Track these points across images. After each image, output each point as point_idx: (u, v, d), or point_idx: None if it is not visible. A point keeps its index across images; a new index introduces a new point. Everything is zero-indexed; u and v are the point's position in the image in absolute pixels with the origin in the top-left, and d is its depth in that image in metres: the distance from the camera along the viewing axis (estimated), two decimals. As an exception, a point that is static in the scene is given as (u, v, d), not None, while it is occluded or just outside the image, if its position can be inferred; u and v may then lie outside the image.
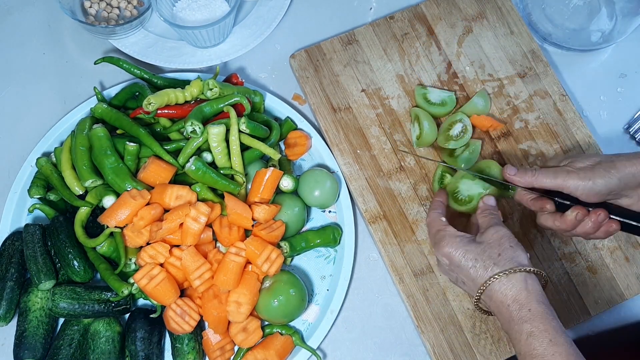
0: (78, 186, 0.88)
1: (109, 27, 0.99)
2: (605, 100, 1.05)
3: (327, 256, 0.95)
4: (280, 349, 0.86)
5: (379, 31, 1.04)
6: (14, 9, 1.08)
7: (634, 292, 0.92)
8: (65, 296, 0.84)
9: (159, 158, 0.89)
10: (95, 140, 0.88)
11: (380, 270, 0.95)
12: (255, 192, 0.89)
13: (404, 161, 0.97)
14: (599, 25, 1.05)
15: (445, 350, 0.88)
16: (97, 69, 1.03)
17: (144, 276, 0.82)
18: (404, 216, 0.94)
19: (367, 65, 1.02)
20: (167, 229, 0.84)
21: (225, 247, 0.87)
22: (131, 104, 0.97)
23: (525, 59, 1.03)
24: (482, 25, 1.05)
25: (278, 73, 1.05)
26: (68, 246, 0.86)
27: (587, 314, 0.91)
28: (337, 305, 0.90)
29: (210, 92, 0.92)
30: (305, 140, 0.96)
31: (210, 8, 1.02)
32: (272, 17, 1.05)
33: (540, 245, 0.94)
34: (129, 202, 0.83)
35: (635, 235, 0.86)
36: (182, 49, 1.03)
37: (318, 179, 0.91)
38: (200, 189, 0.88)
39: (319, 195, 0.91)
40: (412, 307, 0.90)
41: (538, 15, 1.07)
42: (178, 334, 0.85)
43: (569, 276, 0.92)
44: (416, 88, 0.99)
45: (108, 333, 0.85)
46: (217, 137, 0.88)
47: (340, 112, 0.99)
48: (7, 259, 0.88)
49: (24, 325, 0.85)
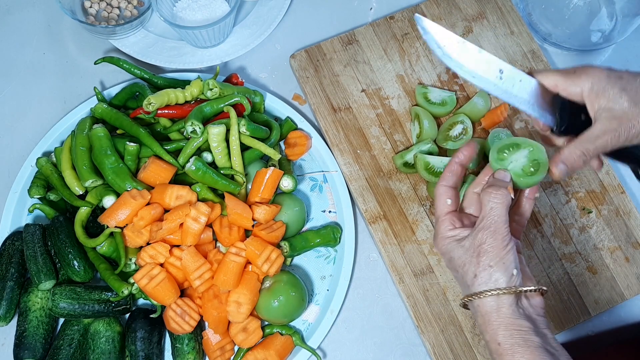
0: (78, 186, 0.88)
1: (109, 27, 0.99)
2: (606, 100, 1.05)
3: (327, 256, 0.95)
4: (281, 348, 0.86)
5: (379, 31, 1.04)
6: (14, 9, 1.08)
7: (634, 292, 0.92)
8: (65, 296, 0.84)
9: (159, 158, 0.89)
10: (95, 140, 0.88)
11: (380, 270, 0.95)
12: (255, 192, 0.89)
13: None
14: (599, 25, 1.05)
15: (445, 350, 0.88)
16: (97, 69, 1.03)
17: (144, 276, 0.82)
18: (404, 216, 0.94)
19: (367, 65, 1.02)
20: (167, 229, 0.84)
21: (225, 247, 0.87)
22: (131, 104, 0.97)
23: (525, 59, 1.03)
24: (482, 25, 1.05)
25: (278, 73, 1.05)
26: (68, 246, 0.86)
27: (587, 314, 0.91)
28: (337, 305, 0.90)
29: (211, 92, 0.92)
30: (305, 140, 0.96)
31: (210, 8, 1.02)
32: (272, 17, 1.05)
33: (540, 245, 0.94)
34: (129, 202, 0.83)
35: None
36: (182, 49, 1.03)
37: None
38: (200, 189, 0.88)
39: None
40: (412, 307, 0.90)
41: (538, 15, 1.07)
42: (178, 334, 0.85)
43: (569, 276, 0.92)
44: (417, 87, 0.99)
45: (108, 333, 0.85)
46: (217, 137, 0.88)
47: (340, 112, 0.99)
48: (7, 259, 0.88)
49: (24, 325, 0.85)
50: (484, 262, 0.67)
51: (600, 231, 0.95)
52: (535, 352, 0.64)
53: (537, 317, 0.68)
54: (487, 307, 0.67)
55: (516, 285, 0.67)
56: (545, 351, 0.64)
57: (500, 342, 0.65)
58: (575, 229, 0.95)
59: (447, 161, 0.89)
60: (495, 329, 0.66)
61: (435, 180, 0.89)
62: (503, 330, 0.66)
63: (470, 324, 0.89)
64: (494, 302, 0.66)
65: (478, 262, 0.68)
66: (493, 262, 0.67)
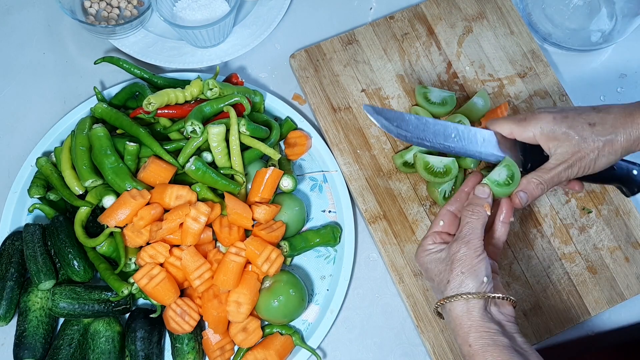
0: (78, 186, 0.88)
1: (109, 27, 0.99)
2: (605, 100, 1.05)
3: (327, 256, 0.95)
4: (280, 348, 0.86)
5: (379, 31, 1.04)
6: (14, 9, 1.09)
7: (634, 292, 0.92)
8: (65, 296, 0.84)
9: (159, 158, 0.89)
10: (95, 140, 0.88)
11: (380, 270, 0.95)
12: (255, 192, 0.89)
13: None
14: (599, 25, 1.05)
15: (445, 350, 0.88)
16: (97, 68, 1.03)
17: (144, 276, 0.82)
18: (403, 216, 0.94)
19: (367, 65, 1.02)
20: (167, 228, 0.84)
21: (225, 247, 0.87)
22: (131, 104, 0.97)
23: (525, 59, 1.03)
24: (482, 25, 1.05)
25: (278, 73, 1.05)
26: (68, 246, 0.86)
27: (587, 314, 0.91)
28: (337, 305, 0.90)
29: (210, 92, 0.92)
30: (305, 140, 0.96)
31: (210, 8, 1.02)
32: (272, 17, 1.05)
33: (540, 245, 0.94)
34: (129, 202, 0.83)
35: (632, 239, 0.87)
36: (182, 49, 1.03)
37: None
38: (200, 189, 0.88)
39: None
40: (412, 307, 0.90)
41: (538, 15, 1.07)
42: (178, 334, 0.85)
43: (569, 276, 0.92)
44: (417, 87, 0.99)
45: (108, 333, 0.85)
46: (217, 137, 0.88)
47: (340, 112, 0.99)
48: (7, 259, 0.88)
49: (24, 325, 0.85)
50: (457, 269, 0.73)
51: (600, 231, 0.95)
52: (504, 351, 0.68)
53: (507, 322, 0.73)
54: (458, 310, 0.71)
55: (485, 291, 0.71)
56: (513, 351, 0.68)
57: (471, 344, 0.69)
58: (575, 228, 0.95)
59: (447, 161, 0.89)
60: (467, 332, 0.70)
61: (434, 179, 0.89)
62: (474, 332, 0.70)
63: (470, 324, 0.89)
64: (464, 306, 0.71)
65: (451, 269, 0.73)
66: (465, 269, 0.73)
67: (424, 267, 0.79)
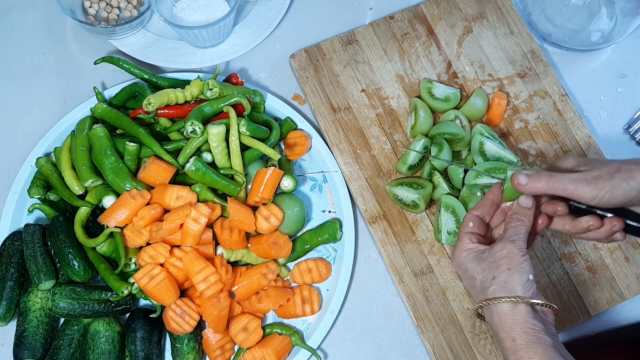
0: (78, 186, 0.88)
1: (109, 27, 0.99)
2: (605, 100, 1.05)
3: (327, 256, 0.95)
4: (279, 347, 0.86)
5: (378, 31, 1.04)
6: (14, 9, 1.08)
7: (634, 292, 0.92)
8: (65, 296, 0.84)
9: (159, 158, 0.89)
10: (95, 140, 0.88)
11: (380, 270, 0.95)
12: (255, 192, 0.89)
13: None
14: (599, 25, 1.05)
15: (445, 350, 0.88)
16: (97, 69, 1.03)
17: (144, 275, 0.82)
18: (403, 216, 0.94)
19: (367, 65, 1.02)
20: (167, 229, 0.84)
21: (226, 249, 0.87)
22: (131, 104, 0.97)
23: (525, 59, 1.03)
24: (482, 25, 1.05)
25: (278, 73, 1.05)
26: (68, 246, 0.86)
27: (587, 314, 0.91)
28: (337, 305, 0.90)
29: (210, 92, 0.92)
30: (305, 140, 0.96)
31: (210, 8, 1.02)
32: (272, 17, 1.05)
33: (540, 245, 0.94)
34: (129, 202, 0.83)
35: (636, 236, 0.85)
36: (182, 49, 1.03)
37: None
38: (200, 189, 0.88)
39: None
40: (412, 307, 0.90)
41: (538, 15, 1.07)
42: (178, 334, 0.85)
43: (569, 276, 0.92)
44: (422, 81, 0.99)
45: (108, 333, 0.85)
46: (217, 137, 0.88)
47: (340, 112, 0.99)
48: (7, 259, 0.88)
49: (23, 325, 0.85)
50: (503, 265, 0.73)
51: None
52: (547, 349, 0.68)
53: (549, 323, 0.73)
54: (504, 306, 0.71)
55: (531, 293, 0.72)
56: (556, 351, 0.69)
57: (516, 339, 0.69)
58: (575, 229, 0.95)
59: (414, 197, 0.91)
60: (512, 326, 0.70)
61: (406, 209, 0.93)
62: (519, 327, 0.70)
63: (470, 324, 0.89)
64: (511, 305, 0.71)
65: (497, 266, 0.73)
66: (512, 265, 0.72)
67: (463, 267, 0.77)
